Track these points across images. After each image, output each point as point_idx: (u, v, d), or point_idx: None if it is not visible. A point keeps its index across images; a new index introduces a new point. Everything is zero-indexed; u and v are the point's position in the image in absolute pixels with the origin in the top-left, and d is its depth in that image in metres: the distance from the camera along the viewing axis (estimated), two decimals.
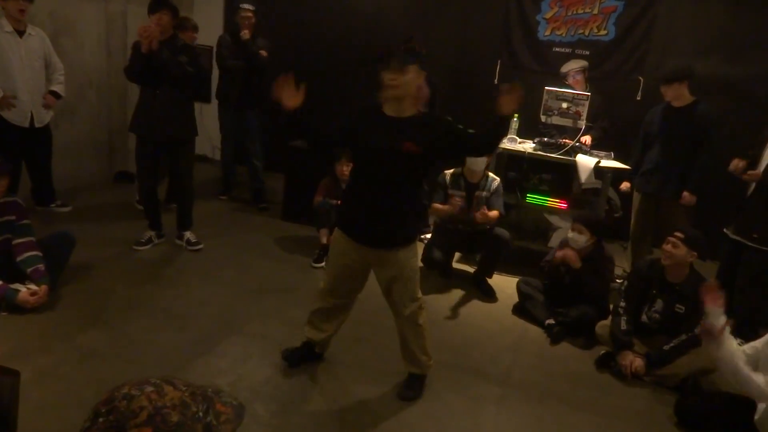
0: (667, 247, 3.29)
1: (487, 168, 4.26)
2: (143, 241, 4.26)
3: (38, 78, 4.43)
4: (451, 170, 4.30)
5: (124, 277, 3.80)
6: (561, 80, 4.91)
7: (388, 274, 2.68)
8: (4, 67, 4.20)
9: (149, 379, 0.91)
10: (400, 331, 2.83)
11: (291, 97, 2.48)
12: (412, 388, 2.87)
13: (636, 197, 4.45)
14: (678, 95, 4.08)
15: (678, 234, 3.28)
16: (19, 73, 4.27)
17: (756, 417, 2.56)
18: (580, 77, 4.86)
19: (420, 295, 2.77)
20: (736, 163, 3.84)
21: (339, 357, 3.10)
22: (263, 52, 5.07)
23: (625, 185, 4.52)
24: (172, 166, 4.31)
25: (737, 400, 2.73)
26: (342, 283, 2.81)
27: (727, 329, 2.59)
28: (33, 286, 3.23)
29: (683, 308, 3.27)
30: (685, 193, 4.10)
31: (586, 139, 4.64)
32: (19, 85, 4.27)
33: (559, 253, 3.72)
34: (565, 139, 4.55)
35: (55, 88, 4.54)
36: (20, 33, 4.26)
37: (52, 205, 4.82)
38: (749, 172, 3.69)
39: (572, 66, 4.91)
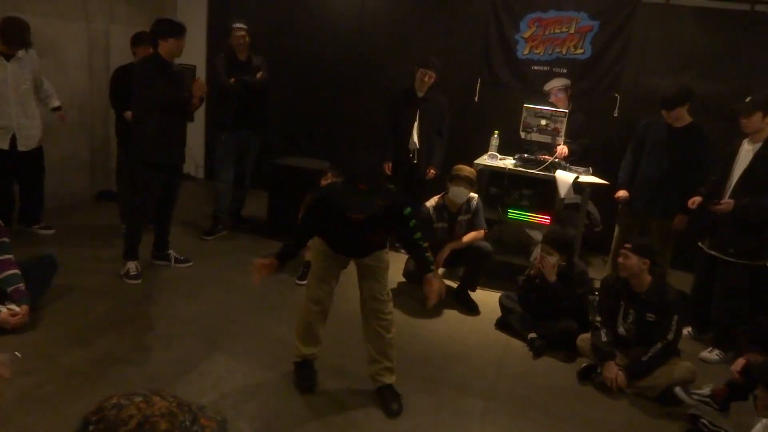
0: (620, 259, 3.40)
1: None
2: (135, 274, 4.08)
3: (26, 101, 4.39)
4: (433, 202, 4.28)
5: (106, 297, 3.77)
6: (544, 98, 5.00)
7: (366, 269, 2.92)
8: None
9: (137, 391, 0.94)
10: (374, 340, 2.93)
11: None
12: (393, 400, 2.89)
13: (622, 210, 4.40)
14: (679, 117, 4.04)
15: (626, 245, 3.40)
16: (2, 97, 4.23)
17: None
18: (562, 95, 4.95)
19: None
20: (693, 201, 3.95)
21: (323, 374, 3.10)
22: (260, 75, 4.88)
23: (622, 194, 4.35)
24: (169, 187, 4.23)
25: None
26: (327, 287, 2.97)
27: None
28: (13, 307, 3.19)
29: (653, 316, 3.34)
30: (681, 216, 4.07)
31: (563, 149, 4.68)
32: (1, 109, 4.23)
33: (537, 262, 3.78)
34: (545, 155, 4.62)
35: (55, 104, 4.66)
36: (8, 57, 4.23)
37: (35, 227, 4.73)
38: (722, 202, 3.65)
39: (554, 84, 5.01)
